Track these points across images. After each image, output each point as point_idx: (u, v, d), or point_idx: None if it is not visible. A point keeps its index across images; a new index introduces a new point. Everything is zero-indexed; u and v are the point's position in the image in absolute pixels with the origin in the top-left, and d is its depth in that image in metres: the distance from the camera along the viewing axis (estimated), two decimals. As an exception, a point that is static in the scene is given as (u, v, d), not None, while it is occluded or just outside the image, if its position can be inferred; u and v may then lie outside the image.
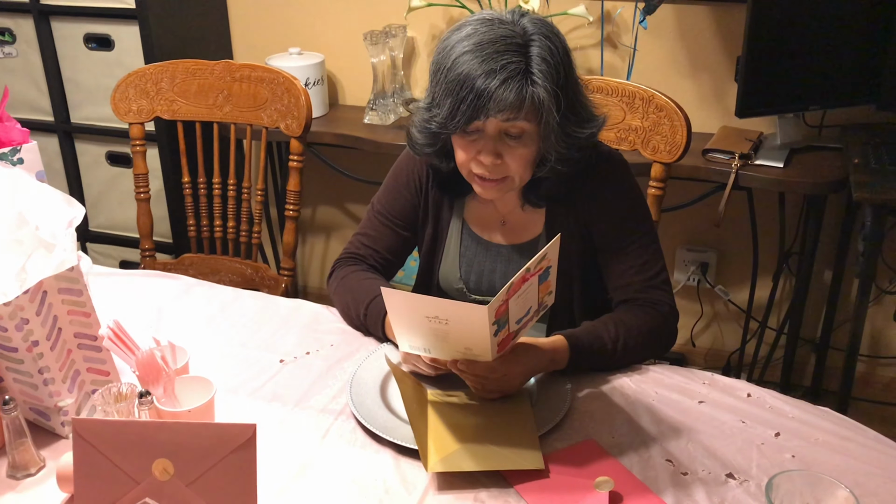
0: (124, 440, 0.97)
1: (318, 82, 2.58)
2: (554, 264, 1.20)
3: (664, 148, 1.74)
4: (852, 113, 2.28)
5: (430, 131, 1.35)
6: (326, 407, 1.26)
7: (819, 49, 2.14)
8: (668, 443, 1.18)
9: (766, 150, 2.22)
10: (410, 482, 1.11)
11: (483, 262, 1.51)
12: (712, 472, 1.13)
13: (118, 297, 1.55)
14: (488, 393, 1.26)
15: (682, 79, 2.41)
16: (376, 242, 1.54)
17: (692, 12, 2.34)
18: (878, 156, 2.03)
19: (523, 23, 1.28)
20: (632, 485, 1.10)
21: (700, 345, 2.74)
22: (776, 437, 1.19)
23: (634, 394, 1.29)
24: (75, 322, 1.18)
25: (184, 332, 1.45)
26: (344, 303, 1.49)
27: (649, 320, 1.37)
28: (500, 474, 1.12)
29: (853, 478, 1.10)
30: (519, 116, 1.25)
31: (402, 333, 1.22)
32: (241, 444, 0.96)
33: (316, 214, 3.00)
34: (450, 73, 1.26)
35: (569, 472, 1.12)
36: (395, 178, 1.55)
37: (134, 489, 0.97)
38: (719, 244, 2.58)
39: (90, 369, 1.22)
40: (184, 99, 2.02)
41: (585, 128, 1.33)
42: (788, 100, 2.18)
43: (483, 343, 1.15)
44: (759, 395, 1.29)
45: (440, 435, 1.18)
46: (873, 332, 2.53)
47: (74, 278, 1.16)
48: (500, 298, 1.10)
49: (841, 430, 1.20)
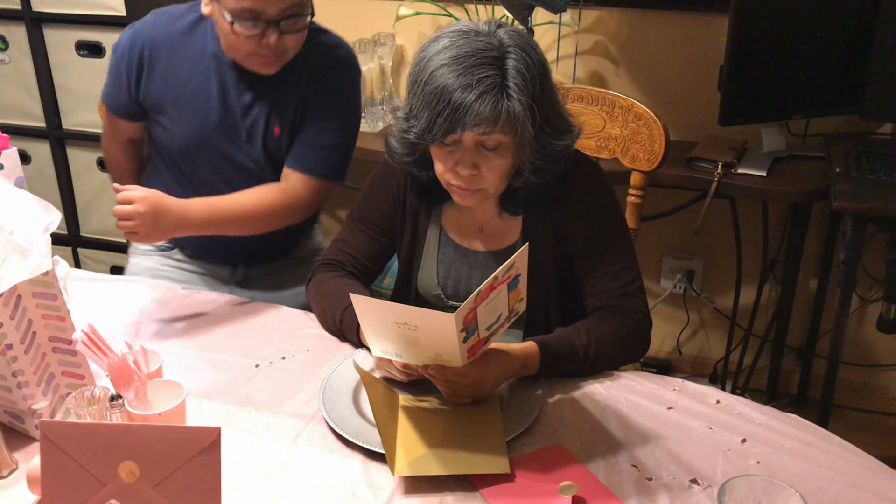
0: (91, 442, 0.98)
1: (308, 90, 2.60)
2: (523, 272, 1.21)
3: (643, 156, 1.76)
4: (836, 122, 2.30)
5: (408, 141, 1.37)
6: (299, 411, 1.28)
7: (802, 58, 2.15)
8: (635, 448, 1.19)
9: (750, 159, 2.23)
10: (377, 486, 1.13)
11: (461, 269, 1.53)
12: (677, 477, 1.14)
13: (97, 302, 1.56)
14: (459, 398, 1.27)
15: (668, 87, 2.43)
16: (355, 249, 1.56)
17: (678, 20, 2.36)
18: (860, 165, 2.05)
19: (500, 34, 1.29)
20: (596, 490, 1.11)
21: (687, 352, 2.75)
22: (742, 443, 1.20)
23: (605, 400, 1.30)
24: (50, 326, 1.20)
25: (161, 337, 1.47)
26: (321, 308, 1.50)
27: (622, 328, 1.39)
28: (466, 478, 1.13)
29: (816, 483, 1.12)
30: (495, 130, 1.27)
31: (373, 339, 1.24)
32: (206, 447, 0.97)
33: (306, 221, 3.01)
34: (427, 85, 1.27)
35: (534, 477, 1.13)
36: (373, 186, 1.56)
37: (100, 491, 0.98)
38: (705, 252, 2.59)
39: (65, 373, 1.24)
40: (171, 106, 2.03)
41: (561, 139, 1.35)
42: (771, 109, 2.20)
43: (452, 349, 1.17)
44: (729, 401, 1.30)
45: (409, 439, 1.19)
46: (859, 341, 2.54)
47: (49, 283, 1.18)
48: (468, 306, 1.12)
49: (806, 437, 1.21)
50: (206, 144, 1.69)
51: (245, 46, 1.54)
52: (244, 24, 1.50)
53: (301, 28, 1.56)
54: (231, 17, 1.50)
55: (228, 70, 1.65)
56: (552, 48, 2.45)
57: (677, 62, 2.40)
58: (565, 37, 2.42)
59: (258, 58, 1.56)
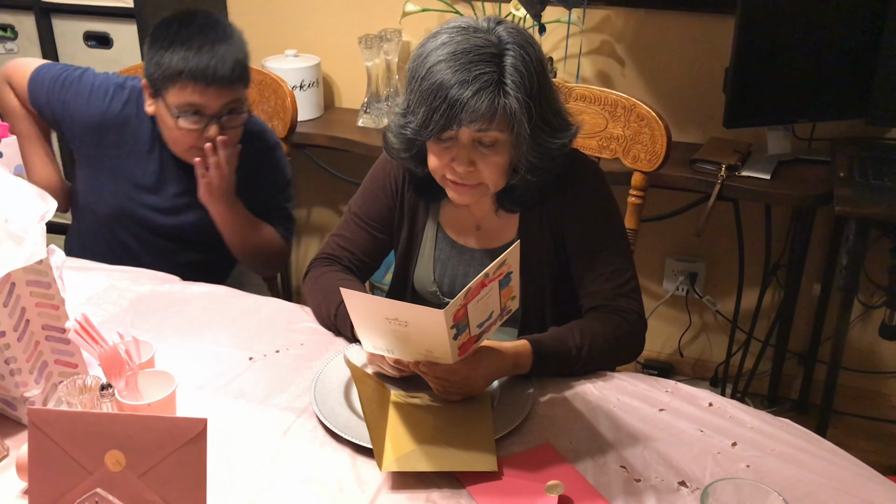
0: (78, 431, 0.98)
1: (314, 84, 2.61)
2: (515, 270, 1.21)
3: (644, 157, 1.75)
4: (843, 126, 2.28)
5: (405, 137, 1.37)
6: (290, 405, 1.28)
7: (808, 62, 2.14)
8: (624, 449, 1.19)
9: (754, 162, 2.22)
10: (365, 481, 1.13)
11: (457, 266, 1.53)
12: (665, 479, 1.13)
13: (92, 291, 1.57)
14: (450, 395, 1.27)
15: (673, 88, 2.42)
16: (352, 244, 1.56)
17: (685, 21, 2.35)
18: (864, 170, 2.03)
19: (499, 31, 1.29)
20: (583, 489, 1.11)
21: (688, 355, 2.74)
22: (733, 446, 1.19)
23: (596, 400, 1.30)
24: (44, 314, 1.20)
25: (156, 327, 1.47)
26: (316, 302, 1.50)
27: (616, 328, 1.38)
28: (454, 475, 1.13)
29: (805, 488, 1.11)
30: (491, 127, 1.27)
31: (364, 334, 1.24)
32: (192, 438, 0.98)
33: (311, 216, 3.02)
34: (424, 81, 1.27)
35: (522, 476, 1.13)
36: (371, 181, 1.56)
37: (86, 479, 0.98)
38: (708, 254, 2.58)
39: (58, 361, 1.24)
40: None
41: (557, 138, 1.34)
42: (776, 112, 2.19)
43: (443, 346, 1.17)
44: (721, 404, 1.29)
45: (398, 435, 1.19)
46: (861, 347, 2.52)
47: (43, 271, 1.18)
48: (458, 303, 1.12)
49: (798, 441, 1.20)
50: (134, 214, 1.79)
51: (187, 140, 1.65)
52: (188, 118, 1.62)
53: (239, 124, 1.68)
54: (177, 112, 1.61)
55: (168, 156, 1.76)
56: (559, 47, 2.44)
57: (683, 63, 2.39)
58: (571, 35, 2.41)
59: (199, 151, 1.65)
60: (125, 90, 1.78)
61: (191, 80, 1.58)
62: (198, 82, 1.58)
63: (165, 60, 1.59)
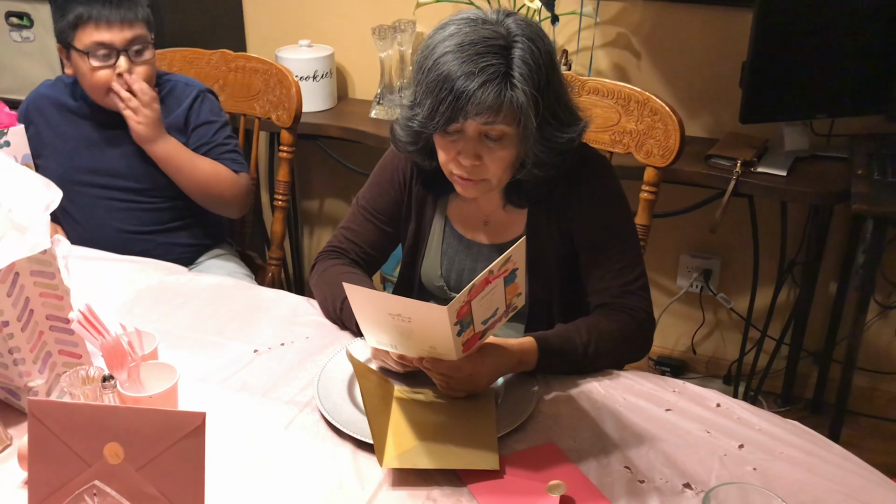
0: (77, 423, 0.98)
1: (327, 75, 2.59)
2: (521, 267, 1.19)
3: (657, 152, 1.73)
4: (862, 122, 2.24)
5: (412, 130, 1.35)
6: (293, 398, 1.27)
7: (827, 56, 2.10)
8: (629, 450, 1.17)
9: (771, 158, 2.19)
10: (365, 477, 1.12)
11: (464, 261, 1.51)
12: (670, 481, 1.12)
13: (99, 280, 1.57)
14: (454, 391, 1.26)
15: (689, 82, 2.39)
16: (359, 237, 1.55)
17: (701, 14, 2.31)
18: (883, 167, 2.00)
19: (508, 23, 1.27)
20: (585, 490, 1.09)
21: (701, 352, 2.71)
22: (740, 448, 1.17)
23: (602, 399, 1.28)
24: (48, 304, 1.20)
25: (162, 318, 1.47)
26: (322, 296, 1.50)
27: (623, 326, 1.36)
28: (455, 473, 1.12)
29: (813, 493, 1.09)
30: (497, 119, 1.25)
31: (368, 330, 1.23)
32: (191, 432, 0.97)
33: (323, 207, 3.01)
34: (430, 73, 1.26)
35: (524, 475, 1.12)
36: (379, 174, 1.55)
37: (85, 471, 0.98)
38: (723, 251, 2.55)
39: (62, 351, 1.24)
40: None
41: (565, 132, 1.32)
42: (794, 107, 2.15)
43: (446, 342, 1.15)
44: (729, 405, 1.27)
45: (401, 431, 1.18)
46: (877, 347, 2.49)
47: (47, 261, 1.18)
48: (462, 300, 1.10)
49: (806, 445, 1.18)
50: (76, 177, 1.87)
51: (102, 79, 1.77)
52: (97, 58, 1.76)
53: (147, 60, 1.81)
54: (86, 51, 1.75)
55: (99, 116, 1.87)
56: (573, 40, 2.41)
57: (700, 57, 2.35)
58: (587, 28, 2.38)
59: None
60: (52, 79, 1.97)
61: (91, 21, 1.74)
62: (99, 21, 1.74)
63: (68, 10, 1.75)
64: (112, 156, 1.87)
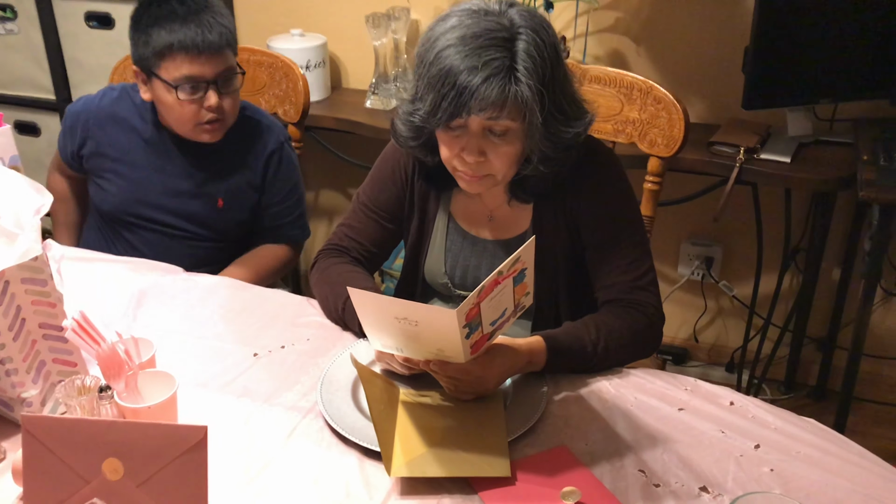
0: (74, 438, 0.94)
1: (320, 65, 2.54)
2: (530, 266, 1.16)
3: (661, 142, 1.69)
4: (866, 107, 2.21)
5: (413, 125, 1.31)
6: (296, 404, 1.24)
7: (830, 40, 2.06)
8: (642, 452, 1.15)
9: (774, 144, 2.15)
10: (373, 485, 1.09)
11: (469, 257, 1.48)
12: (686, 484, 1.09)
13: (95, 284, 1.53)
14: (462, 394, 1.22)
15: (690, 68, 2.35)
16: (360, 234, 1.51)
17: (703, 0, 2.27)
18: (889, 152, 1.96)
19: (511, 14, 1.23)
20: (600, 496, 1.06)
21: (703, 340, 2.69)
22: (756, 449, 1.15)
23: (613, 399, 1.25)
24: (40, 312, 1.16)
25: (158, 321, 1.43)
26: (323, 295, 1.46)
27: (633, 323, 1.33)
28: (466, 480, 1.09)
29: (832, 494, 1.06)
30: (502, 115, 1.21)
31: (373, 333, 1.19)
32: (192, 446, 0.94)
33: (318, 200, 2.97)
34: (432, 66, 1.22)
35: (536, 481, 1.09)
36: (380, 170, 1.51)
37: (83, 488, 0.95)
38: (725, 238, 2.52)
39: (56, 360, 1.20)
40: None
41: (572, 126, 1.29)
42: (798, 92, 2.12)
43: (454, 345, 1.12)
44: (743, 403, 1.24)
45: (408, 437, 1.15)
46: (882, 332, 2.46)
47: (39, 268, 1.14)
48: (471, 302, 1.07)
49: (824, 444, 1.15)
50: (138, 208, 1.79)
51: (190, 113, 1.65)
52: (186, 90, 1.63)
53: (235, 89, 1.70)
54: (174, 84, 1.62)
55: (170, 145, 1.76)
56: (570, 26, 2.37)
57: (701, 42, 2.31)
58: (584, 13, 2.34)
59: (203, 126, 1.68)
60: (115, 90, 1.81)
61: (182, 51, 1.60)
62: (189, 51, 1.60)
63: (153, 38, 1.60)
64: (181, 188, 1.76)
